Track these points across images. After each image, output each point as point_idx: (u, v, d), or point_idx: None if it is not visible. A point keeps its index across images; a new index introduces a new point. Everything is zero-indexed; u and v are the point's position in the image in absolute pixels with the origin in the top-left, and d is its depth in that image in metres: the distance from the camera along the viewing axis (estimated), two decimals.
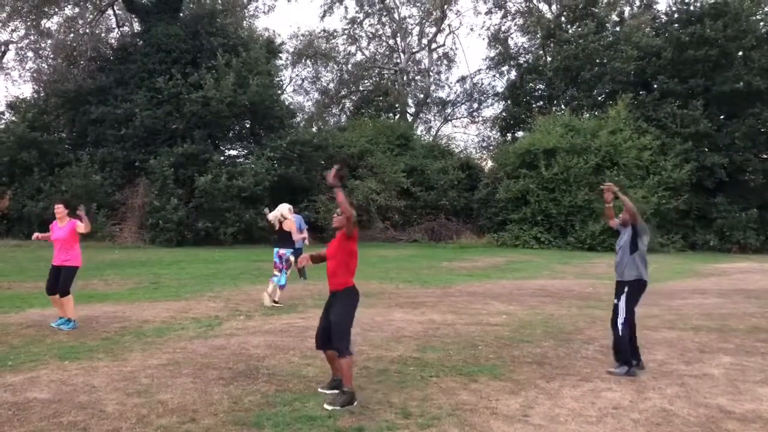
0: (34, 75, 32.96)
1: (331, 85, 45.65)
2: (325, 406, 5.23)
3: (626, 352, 6.59)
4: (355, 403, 5.30)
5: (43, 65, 33.03)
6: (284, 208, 11.41)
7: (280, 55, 37.17)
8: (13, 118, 28.99)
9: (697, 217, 31.14)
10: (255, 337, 8.07)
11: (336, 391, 5.51)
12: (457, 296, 12.43)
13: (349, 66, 45.29)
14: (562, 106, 35.50)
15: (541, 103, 38.30)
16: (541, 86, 38.39)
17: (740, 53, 31.22)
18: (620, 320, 6.63)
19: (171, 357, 6.94)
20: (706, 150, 31.18)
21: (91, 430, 4.69)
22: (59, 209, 8.82)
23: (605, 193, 7.04)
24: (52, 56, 32.15)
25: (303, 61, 44.37)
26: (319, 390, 5.73)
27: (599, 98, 35.01)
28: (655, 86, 32.80)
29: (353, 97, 45.70)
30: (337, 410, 5.14)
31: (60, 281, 8.53)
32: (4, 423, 4.81)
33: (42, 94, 31.02)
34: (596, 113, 33.56)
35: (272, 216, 11.45)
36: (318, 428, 4.80)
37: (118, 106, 27.95)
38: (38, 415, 5.01)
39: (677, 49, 31.39)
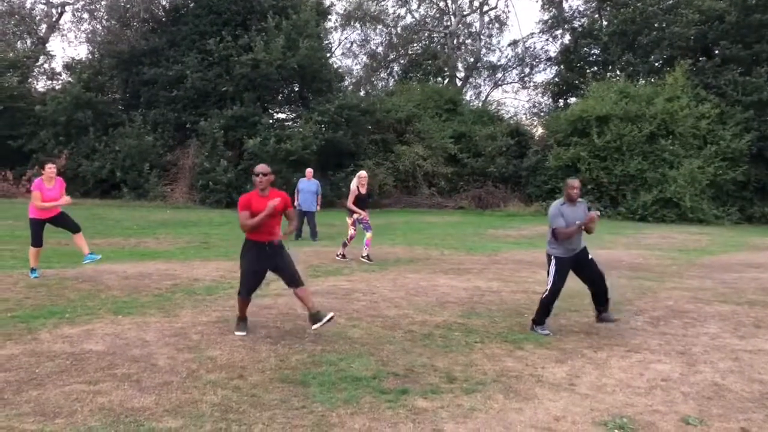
0: (89, 36, 33.50)
1: (380, 49, 45.11)
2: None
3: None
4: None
5: (98, 26, 33.48)
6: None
7: (330, 17, 36.90)
8: (70, 79, 29.64)
9: (756, 189, 30.01)
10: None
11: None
12: (503, 264, 12.33)
13: (398, 29, 44.63)
14: (617, 72, 34.40)
15: (595, 68, 37.19)
16: (596, 51, 37.20)
17: None
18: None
19: (220, 315, 7.09)
20: None
21: (144, 383, 4.83)
22: (53, 168, 9.04)
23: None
24: (106, 18, 32.58)
25: (352, 23, 43.89)
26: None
27: (656, 64, 33.78)
28: (717, 52, 31.43)
29: (402, 61, 45.13)
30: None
31: (70, 222, 9.34)
32: (63, 372, 5.01)
33: (96, 56, 31.57)
34: (653, 80, 32.40)
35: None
36: (363, 389, 4.85)
37: (170, 68, 28.27)
38: (94, 366, 5.19)
39: (742, 13, 29.90)
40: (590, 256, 7.01)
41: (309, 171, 16.26)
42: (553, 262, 6.85)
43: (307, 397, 4.64)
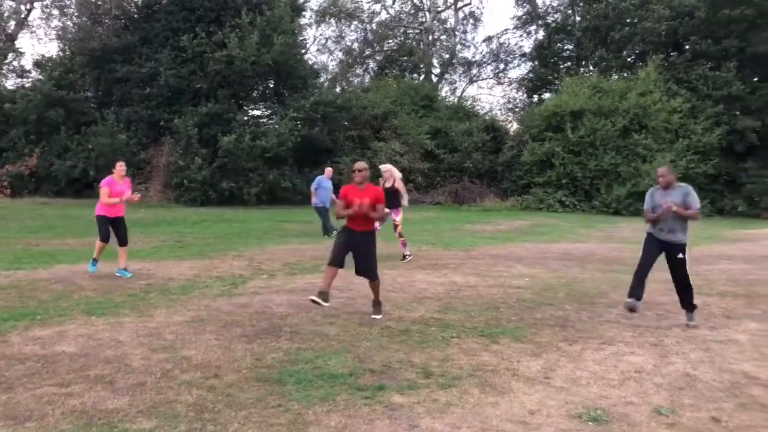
0: (60, 33, 32.93)
1: (355, 45, 45.06)
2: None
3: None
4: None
5: (68, 23, 32.93)
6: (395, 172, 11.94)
7: (304, 13, 36.69)
8: (40, 77, 29.16)
9: (726, 182, 30.52)
10: (278, 295, 8.14)
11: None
12: (479, 259, 12.40)
13: (374, 25, 44.60)
14: (591, 67, 34.77)
15: (569, 63, 37.52)
16: (569, 47, 37.57)
17: None
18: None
19: (195, 314, 7.03)
20: (738, 113, 30.38)
21: (117, 384, 4.78)
22: (123, 167, 9.54)
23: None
24: (77, 14, 32.04)
25: (327, 19, 43.74)
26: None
27: (629, 59, 34.21)
28: (687, 47, 31.91)
29: (377, 57, 45.10)
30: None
31: (123, 232, 9.46)
32: (35, 374, 4.93)
33: (68, 53, 31.06)
34: (625, 75, 32.81)
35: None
36: (339, 386, 4.84)
37: (143, 65, 27.92)
38: (66, 367, 5.12)
39: (711, 9, 30.39)
40: (680, 255, 7.05)
41: (329, 170, 16.24)
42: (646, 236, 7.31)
43: (283, 396, 4.62)
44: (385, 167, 12.02)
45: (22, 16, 34.66)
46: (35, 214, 20.00)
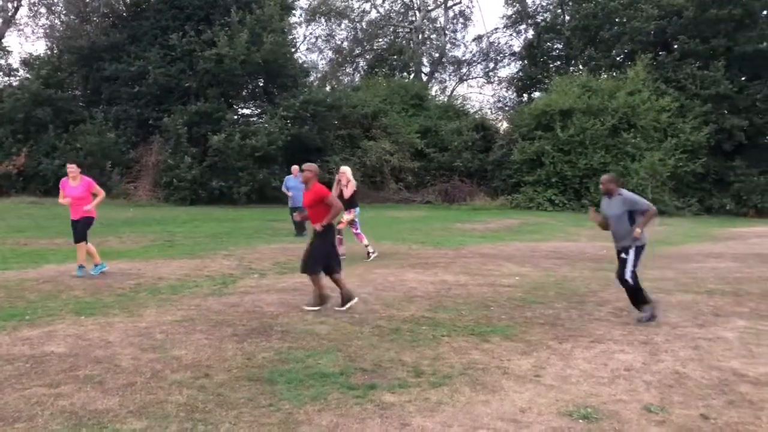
0: (47, 31, 32.72)
1: (345, 44, 45.02)
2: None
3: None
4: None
5: (56, 21, 32.72)
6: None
7: (294, 12, 36.61)
8: (28, 75, 28.90)
9: (714, 181, 30.76)
10: (268, 295, 8.13)
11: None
12: (469, 257, 12.42)
13: (363, 24, 44.60)
14: (580, 67, 34.91)
15: (559, 63, 37.67)
16: (559, 46, 37.70)
17: (765, 12, 30.42)
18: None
19: (185, 314, 7.00)
20: (726, 112, 30.61)
21: (107, 384, 4.75)
22: (73, 169, 9.27)
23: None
24: (64, 12, 31.84)
25: (317, 18, 43.70)
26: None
27: (618, 58, 34.35)
28: (676, 46, 32.10)
29: (367, 56, 45.07)
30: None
31: (78, 231, 9.22)
32: (23, 375, 4.90)
33: (55, 51, 30.83)
34: (614, 74, 32.95)
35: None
36: (330, 385, 4.84)
37: (132, 64, 27.75)
38: (55, 368, 5.08)
39: (699, 8, 30.58)
40: (623, 255, 7.16)
41: (295, 168, 15.99)
42: None
43: (274, 395, 4.61)
44: (344, 169, 11.87)
45: (9, 14, 34.37)
46: (23, 213, 19.86)
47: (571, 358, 5.74)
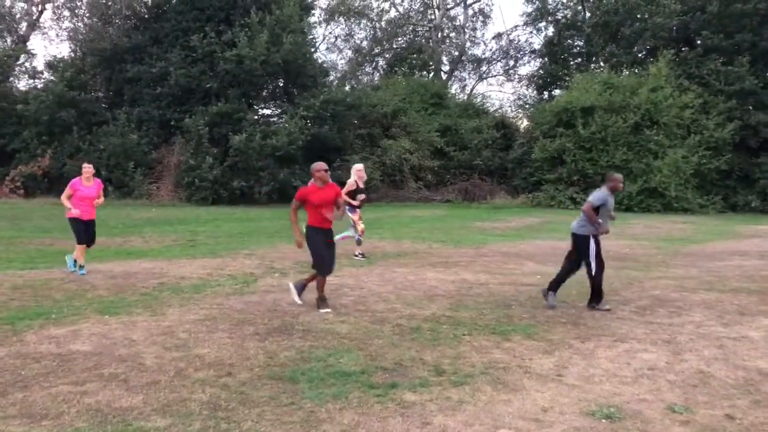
0: (71, 34, 33.15)
1: (365, 43, 45.04)
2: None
3: None
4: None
5: (79, 24, 33.16)
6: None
7: (313, 12, 36.74)
8: (52, 78, 29.34)
9: (739, 178, 30.32)
10: (289, 294, 8.15)
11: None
12: (490, 256, 12.38)
13: (383, 23, 44.57)
14: (601, 64, 34.61)
15: (579, 60, 37.37)
16: (580, 43, 37.41)
17: None
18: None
19: (208, 313, 7.06)
20: (751, 108, 30.16)
21: (131, 382, 4.81)
22: (90, 169, 9.64)
23: None
24: (87, 15, 32.24)
25: (336, 18, 43.78)
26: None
27: (639, 55, 34.00)
28: (699, 42, 31.69)
29: (386, 55, 45.07)
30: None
31: (94, 232, 9.50)
32: (50, 373, 4.97)
33: (79, 54, 31.25)
34: (636, 70, 32.62)
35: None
36: (352, 384, 4.85)
37: (153, 65, 28.07)
38: (80, 366, 5.15)
39: (723, 3, 30.12)
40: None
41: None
42: None
43: (296, 394, 4.63)
44: (361, 166, 11.78)
45: (34, 17, 34.91)
46: (49, 214, 20.13)
47: (593, 357, 5.69)
